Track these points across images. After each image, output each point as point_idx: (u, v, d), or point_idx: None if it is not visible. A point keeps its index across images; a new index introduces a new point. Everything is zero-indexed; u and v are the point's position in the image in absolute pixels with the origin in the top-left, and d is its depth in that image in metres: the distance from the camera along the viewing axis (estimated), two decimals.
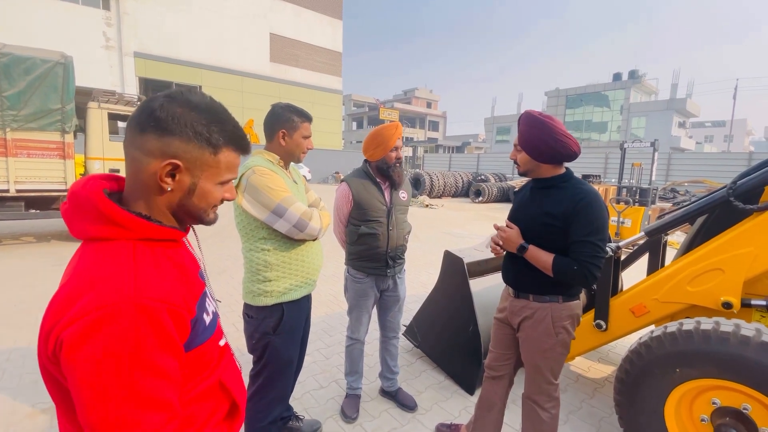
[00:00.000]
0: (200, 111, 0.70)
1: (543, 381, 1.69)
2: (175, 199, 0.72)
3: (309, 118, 1.75)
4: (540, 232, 1.60)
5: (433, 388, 2.64)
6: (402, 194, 2.19)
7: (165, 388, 0.62)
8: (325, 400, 2.46)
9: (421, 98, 57.60)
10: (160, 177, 0.68)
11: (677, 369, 1.77)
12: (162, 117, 0.67)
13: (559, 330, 1.62)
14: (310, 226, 1.62)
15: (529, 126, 1.57)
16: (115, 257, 0.64)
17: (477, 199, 15.95)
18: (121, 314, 0.58)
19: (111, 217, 0.66)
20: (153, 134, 0.67)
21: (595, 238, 1.49)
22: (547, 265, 1.55)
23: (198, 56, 23.88)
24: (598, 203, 1.52)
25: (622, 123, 37.40)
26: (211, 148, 0.71)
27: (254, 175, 1.58)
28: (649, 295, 2.17)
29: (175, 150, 0.68)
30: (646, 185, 7.84)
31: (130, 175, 0.71)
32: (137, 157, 0.68)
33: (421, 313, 3.04)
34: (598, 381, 2.81)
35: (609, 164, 20.09)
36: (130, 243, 0.67)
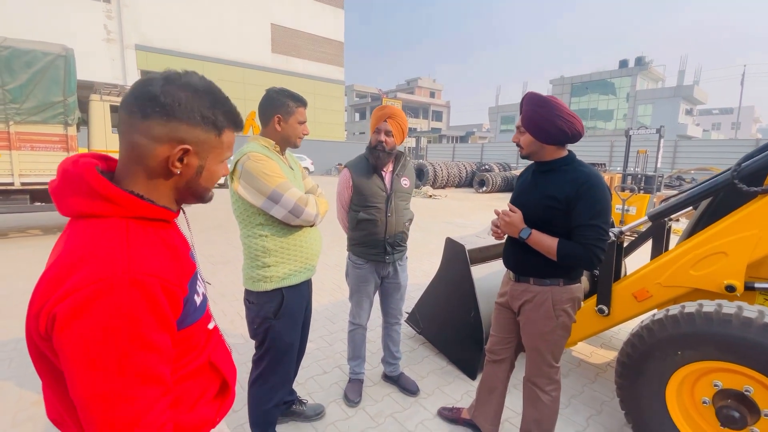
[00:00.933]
0: (203, 94, 0.71)
1: (544, 364, 1.69)
2: (183, 181, 0.73)
3: (304, 103, 1.73)
4: (543, 216, 1.59)
5: (435, 373, 2.66)
6: (404, 181, 2.17)
7: (158, 363, 0.62)
8: (328, 385, 2.48)
9: (424, 88, 57.10)
10: (172, 162, 0.69)
11: (679, 351, 1.77)
12: (168, 102, 0.66)
13: (560, 313, 1.62)
14: (306, 212, 1.61)
15: (533, 106, 1.55)
16: (107, 233, 0.64)
17: (481, 189, 15.88)
18: (114, 288, 0.58)
19: (103, 193, 0.65)
20: (158, 119, 0.67)
21: (599, 221, 1.48)
22: (551, 250, 1.54)
23: (199, 48, 23.74)
24: (601, 186, 1.51)
25: (628, 111, 36.91)
26: (216, 130, 0.73)
27: (249, 161, 1.57)
28: (651, 279, 2.16)
29: (183, 135, 0.68)
30: (652, 173, 7.76)
31: (127, 159, 0.70)
32: (140, 142, 0.67)
33: (423, 300, 3.05)
34: (600, 366, 2.81)
35: (614, 152, 19.89)
36: (122, 220, 0.66)
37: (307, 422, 2.12)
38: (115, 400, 0.57)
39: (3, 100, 5.24)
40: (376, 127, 2.06)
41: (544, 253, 1.57)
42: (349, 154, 27.03)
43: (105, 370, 0.56)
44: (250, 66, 25.35)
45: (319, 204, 1.70)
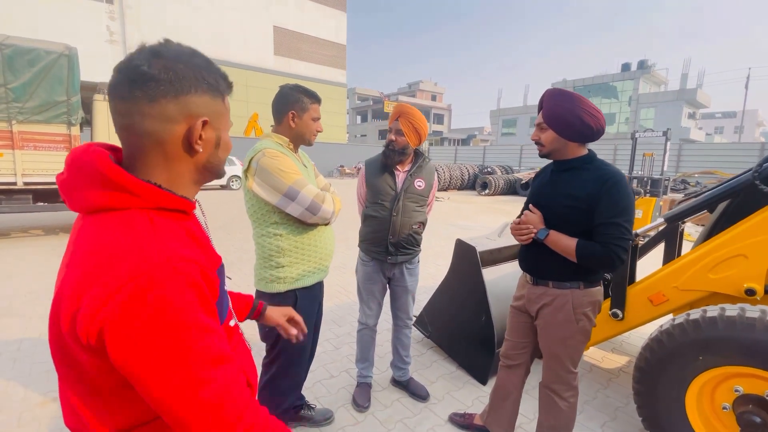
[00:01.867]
0: (196, 61, 0.66)
1: (562, 370, 1.64)
2: (203, 158, 0.69)
3: (318, 99, 1.70)
4: (563, 216, 1.54)
5: (445, 378, 2.60)
6: (418, 182, 2.11)
7: (220, 343, 0.60)
8: (336, 390, 2.43)
9: (426, 91, 57.18)
10: (195, 139, 0.64)
11: (700, 357, 1.72)
12: (170, 78, 0.61)
13: (580, 317, 1.57)
14: (323, 209, 1.58)
15: (558, 100, 1.50)
16: (131, 225, 0.59)
17: (483, 192, 15.84)
18: (156, 281, 0.54)
19: (121, 183, 0.60)
20: (168, 98, 0.61)
21: (621, 220, 1.43)
22: (569, 250, 1.49)
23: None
24: (624, 183, 1.46)
25: (630, 114, 36.89)
26: (221, 95, 0.69)
27: (264, 157, 1.53)
28: (668, 283, 2.12)
29: (197, 108, 0.64)
30: (658, 176, 7.71)
31: (139, 149, 0.64)
32: (155, 128, 0.62)
33: (432, 303, 3.00)
34: (613, 371, 2.76)
35: (618, 156, 19.84)
36: (143, 212, 0.61)
37: (316, 427, 2.07)
38: (194, 391, 0.55)
39: (5, 99, 5.22)
40: (389, 126, 2.05)
41: (562, 254, 1.53)
42: (350, 156, 27.03)
43: (174, 366, 0.54)
44: (252, 68, 25.40)
45: (335, 201, 1.67)
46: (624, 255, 1.44)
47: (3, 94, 5.21)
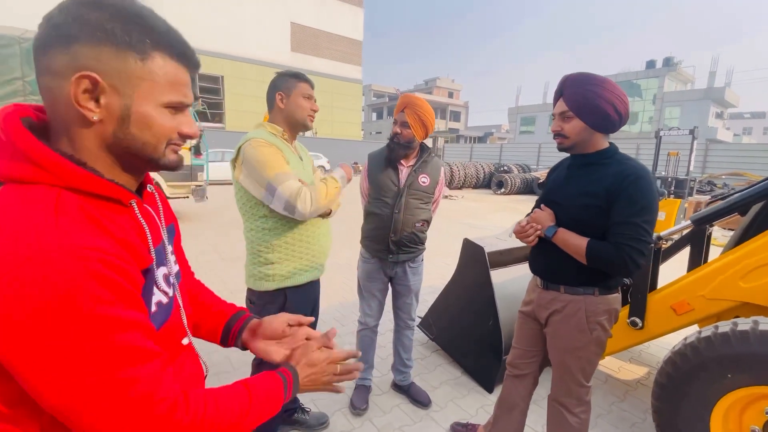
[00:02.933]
0: (113, 8, 0.52)
1: (573, 383, 1.50)
2: (108, 131, 0.55)
3: (307, 80, 1.58)
4: (578, 217, 1.39)
5: (449, 383, 2.48)
6: (423, 178, 2.00)
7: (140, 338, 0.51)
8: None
9: (443, 88, 56.65)
10: (76, 99, 0.51)
11: (728, 374, 1.56)
12: (62, 21, 0.50)
13: (594, 326, 1.43)
14: (296, 210, 1.43)
15: (583, 85, 1.33)
16: (30, 202, 0.49)
17: (499, 191, 15.53)
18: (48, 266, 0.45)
19: (27, 153, 0.50)
20: (58, 48, 0.50)
21: (638, 219, 1.28)
22: (579, 250, 1.35)
23: (220, 46, 24.09)
24: (646, 180, 1.31)
25: (654, 113, 35.70)
26: (135, 52, 0.53)
27: (249, 147, 1.44)
28: (694, 291, 1.95)
29: (85, 60, 0.51)
30: (683, 176, 7.34)
31: (48, 111, 0.55)
32: (48, 83, 0.52)
33: (438, 305, 2.88)
34: (630, 383, 2.59)
35: (640, 156, 19.20)
36: (51, 189, 0.51)
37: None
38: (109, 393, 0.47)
39: (23, 92, 5.29)
40: (394, 118, 1.94)
41: (572, 255, 1.39)
42: (365, 153, 26.80)
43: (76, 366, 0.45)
44: (269, 64, 25.54)
45: (316, 197, 1.47)
46: (640, 259, 1.29)
47: (21, 87, 5.28)
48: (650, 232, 1.31)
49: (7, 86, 5.27)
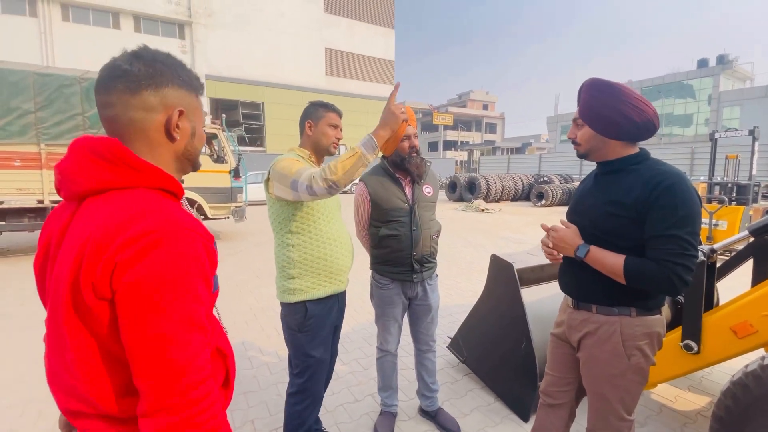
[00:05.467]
0: (171, 61, 0.75)
1: (612, 415, 1.34)
2: (182, 146, 0.77)
3: (336, 110, 1.74)
4: (607, 228, 1.27)
5: (481, 410, 2.33)
6: (426, 189, 1.97)
7: (203, 314, 0.66)
8: (358, 416, 2.27)
9: (477, 100, 56.22)
10: (173, 127, 0.73)
11: None
12: (151, 73, 0.71)
13: (633, 351, 1.27)
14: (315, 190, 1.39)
15: (593, 92, 1.26)
16: (144, 198, 0.67)
17: (539, 203, 14.94)
18: (168, 237, 0.63)
19: (131, 162, 0.68)
20: (149, 91, 0.70)
21: (681, 231, 1.14)
22: (616, 269, 1.21)
23: (260, 74, 25.53)
24: (684, 185, 1.17)
25: (710, 114, 33.18)
26: (194, 91, 0.78)
27: (276, 163, 1.59)
28: (756, 310, 1.71)
29: (173, 100, 0.73)
30: (745, 181, 6.67)
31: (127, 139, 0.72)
32: (138, 117, 0.71)
33: (467, 325, 2.74)
34: (688, 414, 2.30)
35: (696, 160, 17.82)
36: (150, 191, 0.70)
37: None
38: (169, 342, 0.60)
39: (83, 126, 5.87)
40: (403, 134, 1.86)
41: (609, 275, 1.25)
42: None
43: (161, 311, 0.60)
44: (305, 89, 26.67)
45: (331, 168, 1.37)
46: (687, 275, 1.14)
47: (81, 122, 5.87)
48: (695, 244, 1.16)
49: (70, 121, 5.87)
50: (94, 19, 21.60)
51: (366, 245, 2.08)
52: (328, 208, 1.70)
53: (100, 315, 0.62)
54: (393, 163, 1.93)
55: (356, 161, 1.37)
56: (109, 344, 0.64)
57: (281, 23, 26.33)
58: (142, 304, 0.59)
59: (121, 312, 0.60)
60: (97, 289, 0.60)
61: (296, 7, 26.97)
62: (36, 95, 5.62)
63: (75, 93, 5.82)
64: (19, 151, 5.65)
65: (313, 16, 27.68)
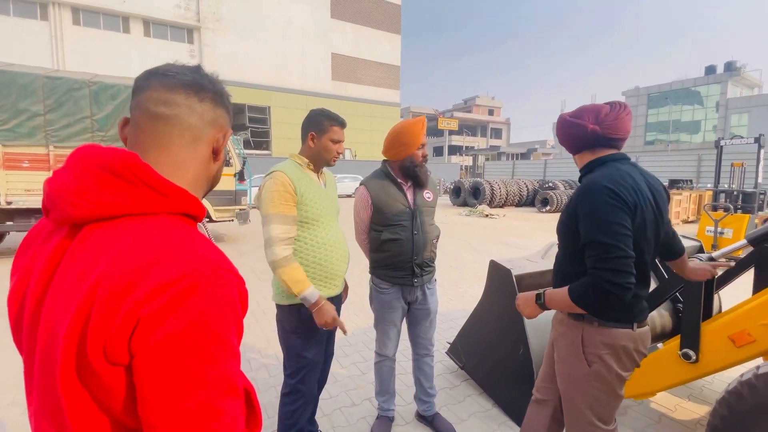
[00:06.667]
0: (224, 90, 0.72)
1: (582, 421, 1.34)
2: (215, 169, 0.71)
3: (340, 123, 1.74)
4: (567, 237, 1.36)
5: (478, 416, 2.33)
6: (427, 194, 2.00)
7: (238, 373, 0.55)
8: (355, 419, 2.28)
9: (483, 106, 56.27)
10: (221, 147, 0.69)
11: None
12: (217, 90, 0.68)
13: (593, 359, 1.29)
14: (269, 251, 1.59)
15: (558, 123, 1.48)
16: (169, 228, 0.55)
17: (544, 209, 14.88)
18: (204, 285, 0.51)
19: (154, 183, 0.55)
20: (210, 104, 0.66)
21: (597, 236, 1.19)
22: (566, 301, 1.26)
23: (267, 79, 25.79)
24: (595, 191, 1.23)
25: (718, 121, 32.93)
26: (230, 118, 0.74)
27: (269, 180, 1.63)
28: (755, 319, 1.70)
29: (224, 121, 0.70)
30: (751, 189, 6.61)
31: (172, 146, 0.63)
32: (197, 123, 0.64)
33: (466, 331, 2.74)
34: (688, 424, 2.28)
35: (702, 167, 17.68)
36: (174, 218, 0.58)
37: None
38: (205, 415, 0.48)
39: (91, 129, 5.96)
40: (420, 143, 1.93)
41: (569, 310, 1.32)
42: None
43: (197, 379, 0.48)
44: (312, 93, 26.90)
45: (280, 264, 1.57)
46: (617, 278, 1.14)
47: (89, 125, 5.96)
48: (618, 246, 1.16)
49: (79, 124, 5.96)
50: (104, 23, 21.99)
51: (365, 249, 2.10)
52: (327, 215, 1.72)
53: (113, 384, 0.49)
54: (400, 169, 1.95)
55: (290, 287, 1.56)
56: (125, 418, 0.51)
57: (289, 29, 26.62)
58: (174, 371, 0.47)
59: (142, 380, 0.48)
60: (110, 351, 0.47)
61: (304, 13, 27.27)
62: (45, 98, 5.72)
63: (84, 96, 5.92)
64: (27, 152, 5.74)
65: (320, 22, 27.95)
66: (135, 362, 0.48)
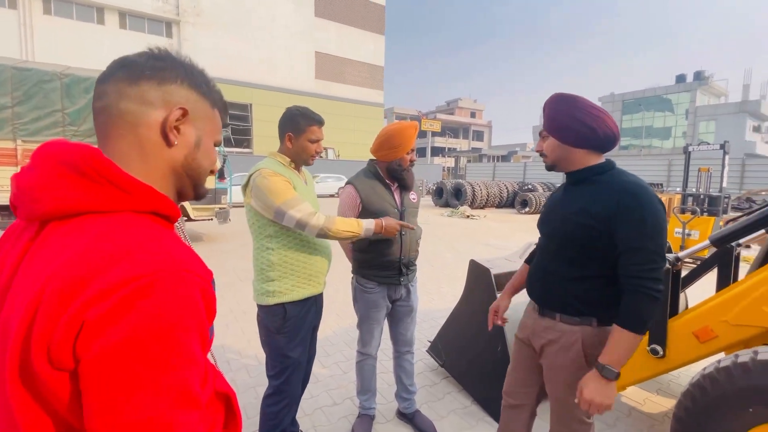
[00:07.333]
0: (192, 64, 0.66)
1: (572, 419, 1.39)
2: (181, 155, 0.63)
3: (318, 122, 1.72)
4: (575, 237, 1.29)
5: (457, 413, 2.37)
6: (412, 196, 2.06)
7: (197, 382, 0.51)
8: (336, 419, 2.29)
9: (465, 108, 56.96)
10: (170, 126, 0.60)
11: (750, 408, 1.42)
12: (159, 66, 0.60)
13: (594, 360, 1.33)
14: (308, 226, 1.57)
15: (555, 104, 1.32)
16: (131, 226, 0.53)
17: (523, 210, 15.20)
18: (159, 285, 0.47)
19: (116, 179, 0.53)
20: (151, 83, 0.59)
21: (649, 244, 1.17)
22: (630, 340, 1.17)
23: (249, 76, 25.38)
24: (647, 197, 1.20)
25: (687, 128, 34.38)
26: (209, 101, 0.67)
27: (259, 177, 1.60)
28: (717, 316, 1.80)
29: (178, 98, 0.61)
30: (716, 193, 6.95)
31: (112, 136, 0.59)
32: (131, 109, 0.58)
33: (446, 329, 2.79)
34: (656, 416, 2.39)
35: (672, 172, 18.44)
36: (139, 215, 0.56)
37: None
38: (153, 427, 0.45)
39: (62, 123, 5.75)
40: (411, 147, 1.96)
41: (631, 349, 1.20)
42: None
43: (147, 389, 0.45)
44: (295, 92, 26.62)
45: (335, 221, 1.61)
46: (660, 286, 1.17)
47: (60, 119, 5.74)
48: (662, 255, 1.20)
49: (49, 117, 5.74)
50: (77, 14, 21.19)
51: (347, 248, 2.11)
52: None
53: (59, 390, 0.46)
54: (387, 170, 1.98)
55: (351, 236, 1.61)
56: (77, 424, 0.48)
57: (272, 26, 26.28)
58: (118, 380, 0.44)
59: (88, 388, 0.44)
60: (54, 356, 0.44)
61: (287, 10, 26.97)
62: (14, 90, 5.48)
63: (55, 89, 5.70)
64: None
65: (304, 20, 27.71)
66: (80, 368, 0.44)
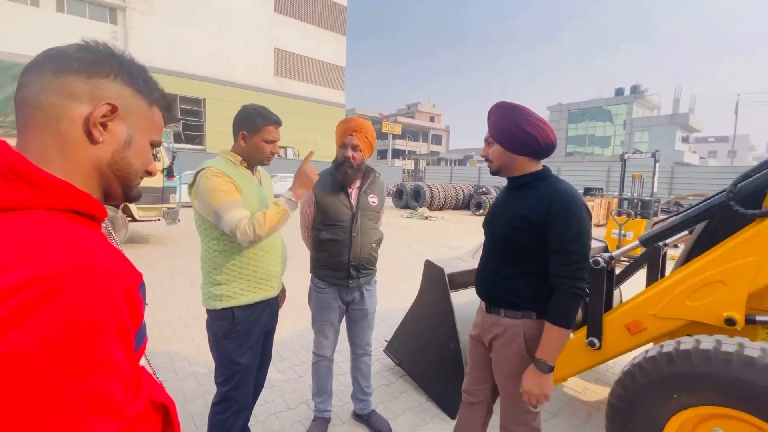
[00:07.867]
0: (130, 59, 0.63)
1: (519, 409, 1.48)
2: (108, 154, 0.59)
3: (274, 122, 1.63)
4: (510, 235, 1.41)
5: (412, 411, 2.42)
6: (372, 198, 2.01)
7: (117, 389, 0.47)
8: (290, 424, 2.25)
9: (425, 112, 58.05)
10: (94, 122, 0.56)
11: (674, 395, 1.57)
12: (90, 59, 0.57)
13: (533, 352, 1.42)
14: (238, 238, 1.47)
15: (500, 112, 1.40)
16: (39, 225, 0.49)
17: (478, 212, 15.76)
18: (68, 287, 0.44)
19: (26, 174, 0.50)
20: (78, 75, 0.55)
21: (574, 246, 1.30)
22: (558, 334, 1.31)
23: (203, 70, 24.23)
24: (575, 204, 1.33)
25: (625, 137, 37.33)
26: (146, 98, 0.63)
27: (203, 177, 1.52)
28: (645, 310, 1.98)
29: (109, 93, 0.57)
30: (648, 197, 7.63)
31: (30, 131, 0.55)
32: (52, 102, 0.54)
33: (402, 328, 2.84)
34: (594, 404, 2.58)
35: (611, 178, 19.92)
36: (55, 213, 0.52)
37: None
38: None
39: None
40: (342, 142, 1.91)
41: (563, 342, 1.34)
42: None
43: (53, 396, 0.41)
44: (252, 88, 25.76)
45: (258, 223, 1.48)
46: (580, 283, 1.30)
47: None
48: (585, 256, 1.32)
49: None
50: None
51: (309, 246, 2.09)
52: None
53: None
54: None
55: (282, 218, 1.52)
56: None
57: (228, 18, 25.24)
58: (21, 387, 0.40)
59: None
60: None
61: (245, 3, 26.05)
62: None
63: None
64: None
65: (263, 15, 26.89)
66: None
